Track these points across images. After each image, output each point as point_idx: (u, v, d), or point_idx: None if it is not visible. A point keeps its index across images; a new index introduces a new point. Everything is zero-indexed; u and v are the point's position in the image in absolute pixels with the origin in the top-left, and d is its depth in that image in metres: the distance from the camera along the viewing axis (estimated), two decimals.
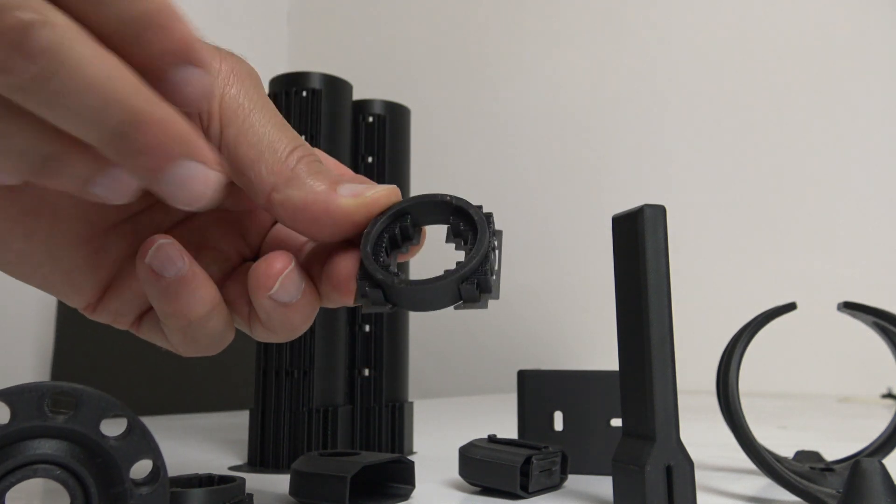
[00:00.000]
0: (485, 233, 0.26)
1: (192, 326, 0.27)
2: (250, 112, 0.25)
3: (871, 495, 0.27)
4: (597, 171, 1.33)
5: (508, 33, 1.44)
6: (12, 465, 0.21)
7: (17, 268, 0.27)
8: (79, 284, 0.28)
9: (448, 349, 1.37)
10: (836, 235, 1.13)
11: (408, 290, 0.25)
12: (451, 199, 0.27)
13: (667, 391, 0.29)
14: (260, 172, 0.25)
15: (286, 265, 0.26)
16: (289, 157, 0.26)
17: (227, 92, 0.25)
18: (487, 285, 0.25)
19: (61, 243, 0.27)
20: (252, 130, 0.25)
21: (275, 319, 0.27)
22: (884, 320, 0.38)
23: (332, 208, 0.25)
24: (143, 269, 0.25)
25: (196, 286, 0.26)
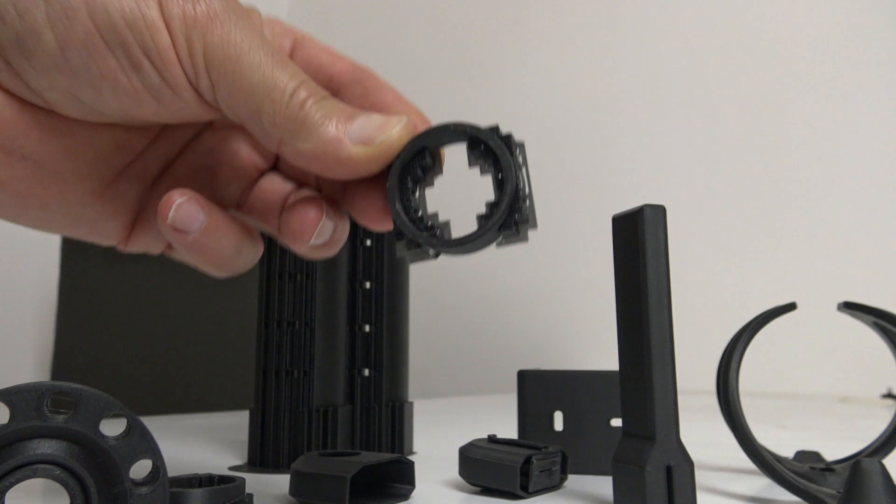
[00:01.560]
0: (509, 165, 0.25)
1: (223, 264, 0.27)
2: (238, 59, 0.23)
3: (871, 495, 0.27)
4: (597, 171, 1.33)
5: (508, 33, 1.44)
6: (12, 466, 0.21)
7: (42, 227, 0.28)
8: (104, 231, 0.29)
9: (448, 349, 1.37)
10: (836, 235, 1.13)
11: (449, 250, 0.25)
12: (467, 127, 0.26)
13: (667, 391, 0.29)
14: (262, 125, 0.24)
15: (320, 214, 0.27)
16: (290, 102, 0.24)
17: (208, 42, 0.23)
18: (524, 218, 0.25)
19: (76, 204, 0.27)
20: (244, 80, 0.24)
21: (314, 253, 0.28)
22: (884, 320, 0.38)
23: (344, 158, 0.25)
24: (165, 228, 0.25)
25: (220, 234, 0.26)
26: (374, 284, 0.48)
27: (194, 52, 0.23)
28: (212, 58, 0.23)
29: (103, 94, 0.24)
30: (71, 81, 0.23)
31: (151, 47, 0.23)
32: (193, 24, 0.23)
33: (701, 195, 1.22)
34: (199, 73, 0.24)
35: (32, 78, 0.23)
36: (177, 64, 0.23)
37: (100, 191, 0.27)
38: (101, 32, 0.23)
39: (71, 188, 0.26)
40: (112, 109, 0.25)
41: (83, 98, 0.24)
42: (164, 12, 0.23)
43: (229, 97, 0.24)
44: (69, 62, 0.23)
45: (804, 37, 1.19)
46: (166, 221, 0.25)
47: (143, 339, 0.95)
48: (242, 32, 0.24)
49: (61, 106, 0.24)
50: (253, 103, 0.24)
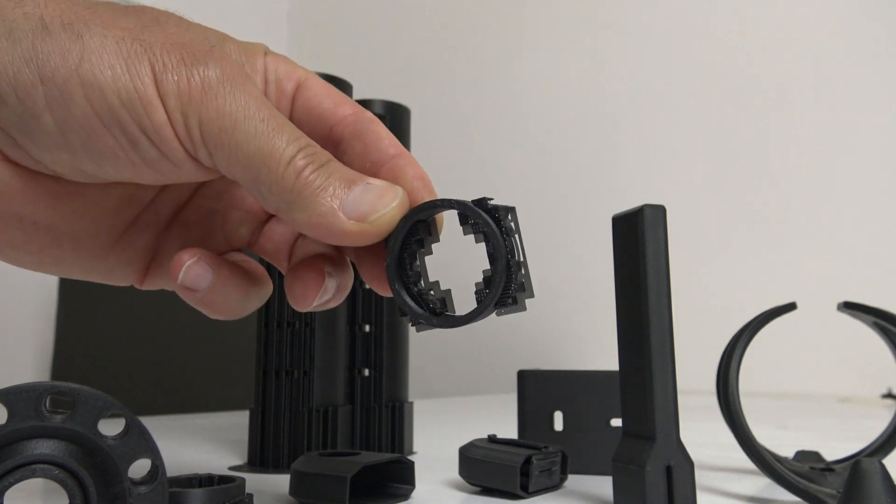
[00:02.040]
0: (499, 244, 0.25)
1: (234, 313, 0.29)
2: (234, 130, 0.23)
3: (871, 495, 0.27)
4: (597, 171, 1.33)
5: (508, 33, 1.44)
6: (11, 466, 0.21)
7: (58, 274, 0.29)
8: (119, 277, 0.30)
9: (448, 349, 1.37)
10: (836, 235, 1.13)
11: (449, 323, 0.27)
12: (454, 203, 0.26)
13: (667, 391, 0.29)
14: (261, 193, 0.24)
15: (319, 282, 0.28)
16: (286, 171, 0.24)
17: (203, 117, 0.23)
18: (520, 288, 0.26)
19: (89, 258, 0.28)
20: (241, 151, 0.24)
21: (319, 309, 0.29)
22: (884, 320, 0.38)
23: (338, 232, 0.25)
24: (176, 288, 0.27)
25: (228, 289, 0.28)
26: None
27: (190, 127, 0.24)
28: (207, 131, 0.24)
29: (104, 167, 0.25)
30: (73, 157, 0.24)
31: (148, 125, 0.23)
32: (189, 99, 0.23)
33: (701, 195, 1.22)
34: (196, 146, 0.24)
35: (36, 154, 0.24)
36: (174, 139, 0.24)
37: (112, 244, 0.29)
38: (98, 114, 0.23)
39: (83, 245, 0.28)
40: (116, 177, 0.26)
41: (86, 170, 0.25)
42: (160, 88, 0.23)
43: (228, 166, 0.24)
44: (69, 142, 0.24)
45: (804, 37, 1.19)
46: (177, 282, 0.27)
47: (143, 339, 0.95)
48: (238, 102, 0.24)
49: (67, 175, 0.25)
50: (250, 172, 0.24)
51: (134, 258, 0.30)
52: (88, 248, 0.28)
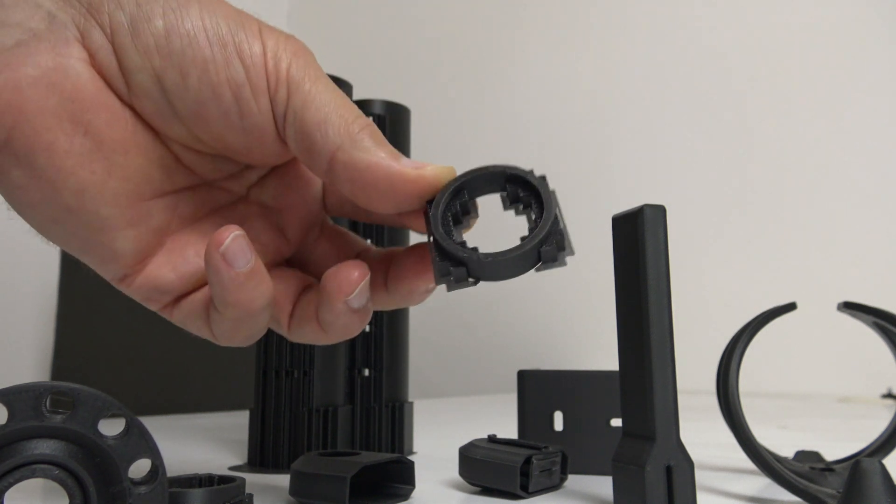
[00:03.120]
0: (549, 195, 0.27)
1: (246, 318, 0.28)
2: (316, 81, 0.27)
3: (871, 495, 0.27)
4: (597, 171, 1.33)
5: (509, 33, 1.44)
6: (11, 466, 0.21)
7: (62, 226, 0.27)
8: (119, 249, 0.28)
9: (448, 349, 1.37)
10: (836, 235, 1.13)
11: (491, 262, 0.26)
12: (506, 168, 0.28)
13: (667, 391, 0.29)
14: (326, 133, 0.26)
15: (364, 274, 0.28)
16: (354, 122, 0.27)
17: (293, 63, 0.27)
18: (563, 243, 0.26)
19: (108, 202, 0.27)
20: (319, 96, 0.27)
21: (339, 323, 0.29)
22: (884, 320, 0.38)
23: (395, 174, 0.27)
24: (215, 257, 0.26)
25: (260, 280, 0.27)
26: None
27: (280, 66, 0.27)
28: (294, 74, 0.27)
29: (188, 81, 0.26)
30: (163, 63, 0.26)
31: (246, 50, 0.26)
32: (285, 47, 0.27)
33: (701, 195, 1.22)
34: (279, 84, 0.27)
35: (130, 56, 0.26)
36: (263, 69, 0.26)
37: (134, 200, 0.28)
38: (206, 28, 0.26)
39: (112, 182, 0.27)
40: (185, 106, 0.26)
41: (167, 83, 0.26)
42: (262, 35, 0.27)
43: (301, 107, 0.27)
44: (170, 45, 0.26)
45: (804, 37, 1.19)
46: (219, 248, 0.26)
47: (143, 339, 0.95)
48: (320, 69, 0.28)
49: (141, 93, 0.26)
50: (321, 114, 0.27)
51: (143, 233, 0.28)
52: (113, 189, 0.27)
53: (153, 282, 0.29)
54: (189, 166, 0.29)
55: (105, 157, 0.26)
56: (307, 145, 0.27)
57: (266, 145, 0.28)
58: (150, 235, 0.29)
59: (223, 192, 0.31)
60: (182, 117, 0.27)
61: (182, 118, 0.27)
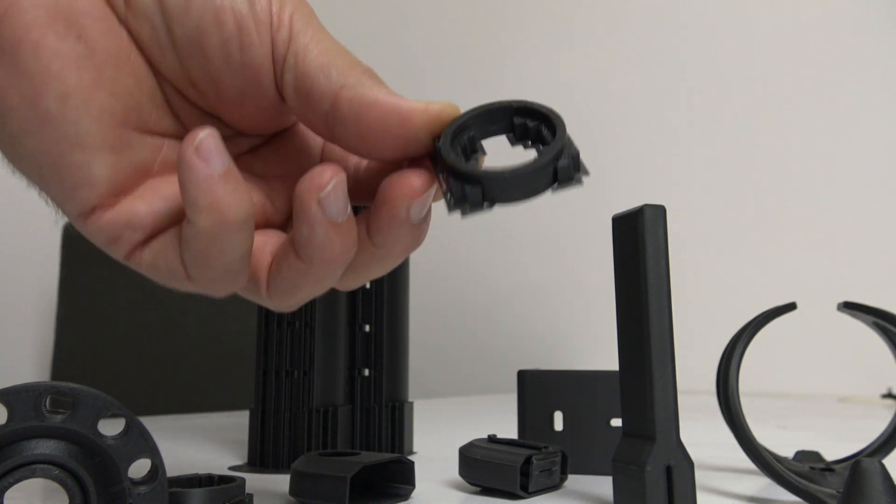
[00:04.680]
0: (559, 118, 0.26)
1: (221, 233, 0.25)
2: (318, 30, 0.27)
3: (871, 495, 0.27)
4: (597, 171, 1.32)
5: (508, 33, 1.44)
6: (11, 466, 0.21)
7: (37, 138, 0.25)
8: (95, 173, 0.26)
9: (448, 349, 1.37)
10: (836, 235, 1.13)
11: (507, 178, 0.25)
12: (513, 102, 0.28)
13: (667, 391, 0.29)
14: (330, 74, 0.26)
15: (338, 170, 0.26)
16: (358, 65, 0.27)
17: (297, 10, 0.26)
18: (579, 162, 0.26)
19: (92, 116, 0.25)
20: (322, 42, 0.27)
21: (316, 239, 0.26)
22: (884, 320, 0.38)
23: (402, 107, 0.26)
24: (188, 153, 0.23)
25: (237, 185, 0.25)
26: (374, 284, 0.48)
27: (283, 9, 0.26)
28: (297, 20, 0.26)
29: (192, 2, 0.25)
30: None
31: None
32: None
33: (701, 195, 1.22)
34: (282, 24, 0.26)
35: None
36: (268, 5, 0.26)
37: (119, 122, 0.26)
38: None
39: (98, 95, 0.25)
40: (184, 32, 0.26)
41: (169, 3, 0.25)
42: None
43: (303, 50, 0.26)
44: None
45: (805, 37, 1.19)
46: (193, 142, 0.23)
47: (143, 339, 0.95)
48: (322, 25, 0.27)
49: (140, 13, 0.25)
50: (325, 58, 0.26)
51: (123, 162, 0.26)
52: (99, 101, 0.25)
53: (124, 217, 0.26)
54: (178, 114, 0.28)
55: (96, 66, 0.25)
56: (307, 89, 0.26)
57: (262, 92, 0.27)
58: (129, 168, 0.26)
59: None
60: (179, 47, 0.26)
61: (179, 48, 0.26)
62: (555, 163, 0.25)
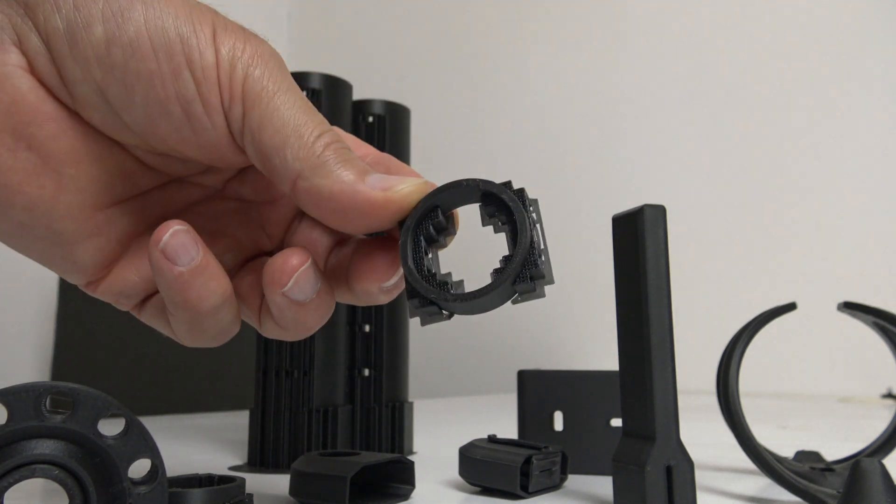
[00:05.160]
0: (523, 219, 0.25)
1: (200, 318, 0.26)
2: (275, 95, 0.25)
3: (871, 495, 0.27)
4: (597, 171, 1.33)
5: (509, 33, 1.44)
6: (10, 466, 0.21)
7: (18, 239, 0.26)
8: (80, 261, 0.27)
9: (448, 349, 1.37)
10: (836, 235, 1.13)
11: (462, 305, 0.25)
12: (479, 182, 0.26)
13: (667, 391, 0.29)
14: (285, 158, 0.24)
15: (302, 262, 0.25)
16: (315, 142, 0.25)
17: (250, 73, 0.24)
18: (540, 273, 0.24)
19: (62, 216, 0.25)
20: (277, 114, 0.24)
21: (287, 317, 0.26)
22: (884, 320, 0.38)
23: (360, 200, 0.24)
24: (155, 255, 0.24)
25: (209, 277, 0.25)
26: None
27: (235, 78, 0.24)
28: (250, 88, 0.24)
29: (133, 95, 0.24)
30: (105, 77, 0.24)
31: (196, 60, 0.24)
32: (241, 55, 0.25)
33: (701, 195, 1.22)
34: (234, 99, 0.24)
35: (69, 67, 0.23)
36: (215, 83, 0.24)
37: (93, 209, 0.26)
38: (151, 36, 0.23)
39: (64, 196, 0.25)
40: (133, 119, 0.25)
41: (112, 97, 0.24)
42: (216, 39, 0.24)
43: (258, 127, 0.24)
44: (111, 56, 0.23)
45: (805, 37, 1.19)
46: (158, 245, 0.24)
47: (143, 339, 0.95)
48: (283, 75, 0.25)
49: (86, 104, 0.24)
50: (279, 137, 0.24)
51: (105, 242, 0.27)
52: (66, 202, 0.25)
53: (117, 286, 0.28)
54: (154, 167, 0.27)
55: (54, 170, 0.24)
56: (268, 168, 0.25)
57: (228, 158, 0.26)
58: (112, 244, 0.27)
59: (196, 187, 0.29)
60: (133, 131, 0.25)
61: (134, 131, 0.25)
62: (513, 283, 0.25)
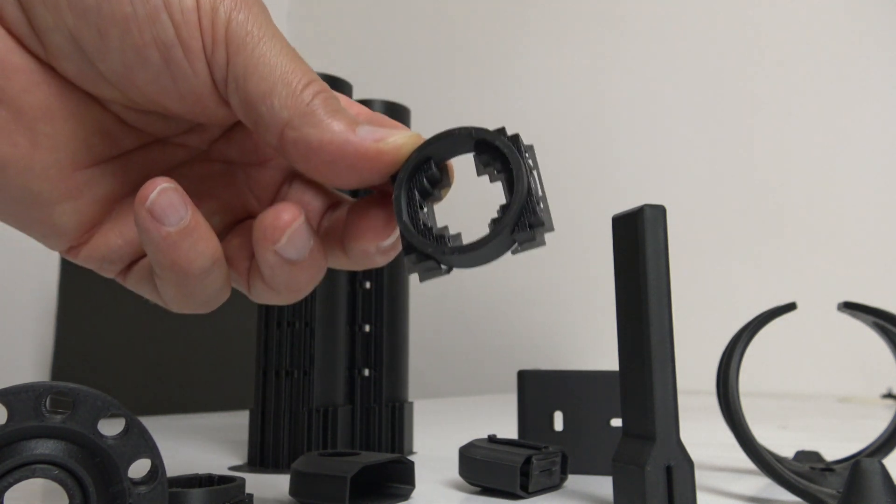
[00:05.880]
0: (519, 166, 0.24)
1: (189, 281, 0.24)
2: (260, 40, 0.23)
3: (871, 495, 0.27)
4: (597, 171, 1.32)
5: (509, 33, 1.44)
6: (10, 466, 0.21)
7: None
8: (59, 224, 0.25)
9: (448, 349, 1.37)
10: (836, 235, 1.13)
11: (461, 258, 0.24)
12: (472, 130, 0.24)
13: (667, 391, 0.29)
14: (272, 106, 0.23)
15: (295, 217, 0.24)
16: (304, 90, 0.23)
17: (233, 17, 0.23)
18: (539, 220, 0.23)
19: (38, 176, 0.24)
20: (263, 60, 0.23)
21: (278, 277, 0.25)
22: (884, 320, 0.38)
23: (350, 151, 0.23)
24: (141, 214, 0.23)
25: (197, 238, 0.24)
26: (373, 284, 0.48)
27: (217, 21, 0.23)
28: (234, 32, 0.23)
29: (108, 41, 0.22)
30: (78, 22, 0.22)
31: (175, 3, 0.22)
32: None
33: (701, 195, 1.22)
34: (216, 44, 0.23)
35: (39, 13, 0.22)
36: (196, 26, 0.23)
37: (72, 168, 0.25)
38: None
39: (39, 155, 0.24)
40: (109, 68, 0.23)
41: (85, 44, 0.23)
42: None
43: (242, 74, 0.23)
44: (83, 0, 0.22)
45: (804, 37, 1.19)
46: (145, 203, 0.22)
47: (143, 339, 0.95)
48: (267, 21, 0.24)
49: (59, 54, 0.23)
50: (266, 84, 0.23)
51: (86, 203, 0.25)
52: (42, 160, 0.24)
53: (100, 251, 0.26)
54: (135, 125, 0.26)
55: (27, 126, 0.23)
56: (253, 118, 0.24)
57: (211, 110, 0.25)
58: (93, 206, 0.26)
59: (180, 148, 0.28)
60: (110, 80, 0.24)
61: (111, 81, 0.24)
62: (511, 232, 0.24)
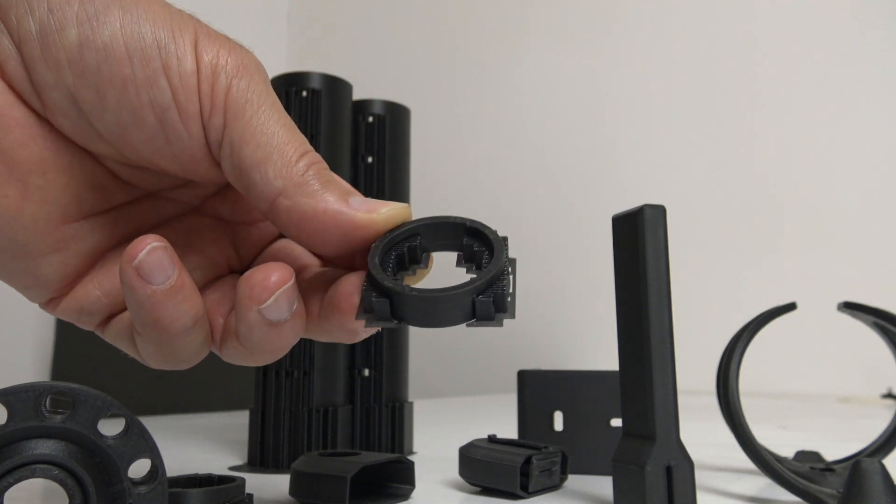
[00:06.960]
0: (501, 251, 0.24)
1: (170, 339, 0.24)
2: (259, 108, 0.24)
3: (871, 495, 0.27)
4: (597, 171, 1.32)
5: (509, 33, 1.44)
6: (10, 466, 0.21)
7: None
8: (43, 276, 0.25)
9: (448, 349, 1.36)
10: (836, 235, 1.13)
11: (418, 299, 0.23)
12: (466, 220, 0.25)
13: (667, 391, 0.29)
14: (267, 175, 0.23)
15: (285, 279, 0.24)
16: (298, 161, 0.24)
17: (234, 84, 0.23)
18: (503, 303, 0.23)
19: (27, 226, 0.24)
20: (261, 129, 0.23)
21: (255, 337, 0.24)
22: (884, 320, 0.38)
23: (344, 220, 0.24)
24: (128, 272, 0.23)
25: (182, 298, 0.23)
26: None
27: (217, 87, 0.23)
28: (234, 99, 0.23)
29: (106, 101, 0.23)
30: (77, 82, 0.23)
31: (174, 67, 0.23)
32: (225, 64, 0.23)
33: (701, 195, 1.22)
34: (215, 109, 0.23)
35: (40, 71, 0.23)
36: (195, 90, 0.23)
37: (58, 224, 0.25)
38: (126, 40, 0.22)
39: (29, 207, 0.24)
40: (105, 127, 0.24)
41: (83, 103, 0.23)
42: (199, 46, 0.23)
43: (239, 140, 0.23)
44: (83, 60, 0.22)
45: (804, 37, 1.19)
46: (132, 262, 0.22)
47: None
48: (267, 89, 0.24)
49: (57, 110, 0.23)
50: (262, 152, 0.23)
51: (71, 256, 0.25)
52: (31, 212, 0.24)
53: (78, 304, 0.26)
54: (129, 181, 0.26)
55: (18, 179, 0.23)
56: (245, 183, 0.24)
57: (204, 170, 0.25)
58: (79, 258, 0.26)
59: (171, 203, 0.28)
60: (106, 139, 0.24)
61: (106, 139, 0.24)
62: (473, 296, 0.23)
